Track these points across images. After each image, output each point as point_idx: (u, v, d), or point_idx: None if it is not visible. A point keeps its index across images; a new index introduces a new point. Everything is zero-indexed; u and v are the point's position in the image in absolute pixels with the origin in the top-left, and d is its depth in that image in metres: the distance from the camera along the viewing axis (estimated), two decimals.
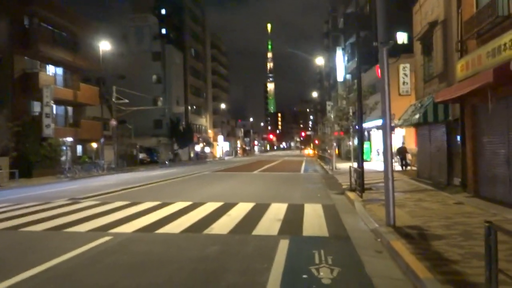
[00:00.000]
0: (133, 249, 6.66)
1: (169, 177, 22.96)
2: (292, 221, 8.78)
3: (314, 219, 8.99)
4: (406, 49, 29.87)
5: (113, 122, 33.60)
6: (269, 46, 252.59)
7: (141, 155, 46.35)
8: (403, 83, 16.68)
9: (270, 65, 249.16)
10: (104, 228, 8.32)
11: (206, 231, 7.87)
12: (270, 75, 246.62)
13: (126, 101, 35.02)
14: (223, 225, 8.40)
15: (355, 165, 15.85)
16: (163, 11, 64.40)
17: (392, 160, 7.80)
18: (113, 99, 34.10)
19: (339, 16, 48.19)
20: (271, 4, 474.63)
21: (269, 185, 17.55)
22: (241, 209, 10.51)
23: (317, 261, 5.67)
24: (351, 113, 15.09)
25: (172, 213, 10.05)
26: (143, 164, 44.32)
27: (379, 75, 9.01)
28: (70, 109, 34.37)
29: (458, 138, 12.04)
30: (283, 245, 6.60)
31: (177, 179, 22.15)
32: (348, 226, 8.20)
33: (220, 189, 16.05)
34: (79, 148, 35.83)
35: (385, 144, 7.85)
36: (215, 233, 7.74)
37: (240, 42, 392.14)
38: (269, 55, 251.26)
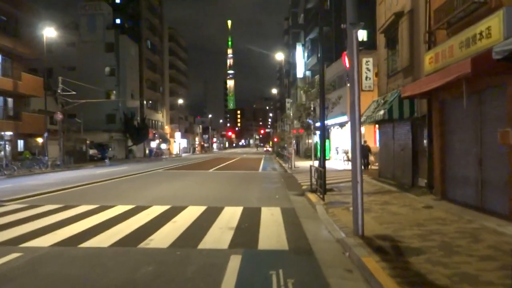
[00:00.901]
0: (43, 271, 5.24)
1: (117, 176, 21.17)
2: (247, 230, 7.62)
3: (271, 227, 7.87)
4: (366, 46, 29.58)
5: (59, 116, 31.02)
6: (229, 43, 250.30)
7: (91, 151, 43.63)
8: (366, 78, 15.93)
9: (230, 61, 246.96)
10: (15, 242, 6.78)
11: (143, 245, 6.53)
12: (230, 72, 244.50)
13: (73, 92, 32.51)
14: (164, 236, 7.09)
15: (315, 163, 14.95)
16: (118, 0, 61.31)
17: (360, 160, 6.81)
18: (59, 91, 31.48)
19: (300, 12, 47.59)
20: (232, 0, 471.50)
21: (224, 185, 16.32)
22: (190, 214, 9.22)
23: (274, 286, 4.53)
24: (312, 108, 14.15)
25: (108, 220, 8.60)
26: (93, 161, 41.64)
27: (347, 63, 8.04)
28: (10, 100, 31.50)
29: (425, 135, 11.35)
30: (234, 263, 5.42)
31: (126, 177, 20.43)
32: (310, 236, 7.14)
33: (170, 190, 14.64)
34: (20, 143, 32.96)
35: (353, 141, 6.84)
36: (153, 247, 6.42)
37: (200, 38, 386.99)
38: (229, 51, 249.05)
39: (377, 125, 26.09)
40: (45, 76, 35.53)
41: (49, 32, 29.68)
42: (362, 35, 36.03)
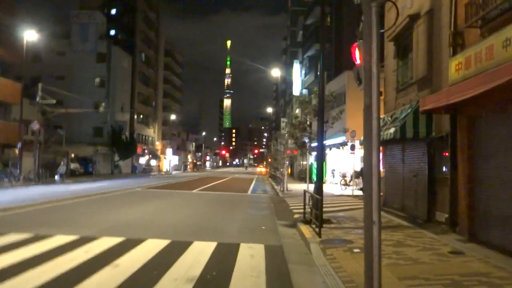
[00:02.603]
0: None
1: (87, 194, 18.81)
2: (212, 283, 5.39)
3: (248, 278, 5.64)
4: None
5: (35, 125, 28.75)
6: (228, 63, 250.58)
7: (72, 165, 41.10)
8: None
9: (228, 81, 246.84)
10: None
11: None
12: (228, 91, 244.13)
13: (53, 101, 30.31)
14: None
15: (310, 187, 12.73)
16: (113, 11, 59.81)
17: (379, 191, 4.64)
18: (37, 98, 29.28)
19: (298, 29, 46.17)
20: (232, 21, 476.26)
21: (204, 210, 14.05)
22: (143, 253, 6.96)
23: None
24: (308, 123, 12.04)
25: (27, 259, 6.31)
26: (75, 175, 39.17)
27: (357, 57, 6.00)
28: None
29: (445, 160, 9.24)
30: None
31: (96, 196, 18.09)
32: None
33: (137, 214, 12.33)
34: None
35: (367, 161, 4.70)
36: None
37: (199, 56, 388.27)
38: (228, 71, 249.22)
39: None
40: (27, 83, 33.45)
41: (30, 35, 27.62)
42: None
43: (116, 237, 8.18)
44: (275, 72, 37.07)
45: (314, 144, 12.83)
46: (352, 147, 19.34)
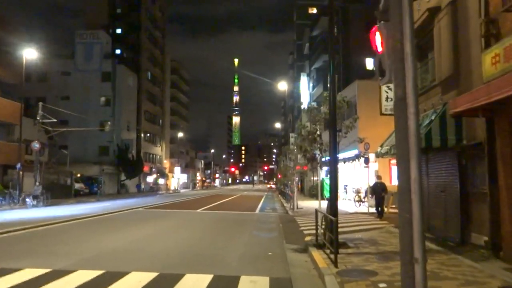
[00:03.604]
0: None
1: (84, 215, 17.61)
2: None
3: None
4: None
5: (36, 145, 27.84)
6: (236, 80, 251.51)
7: (77, 185, 40.10)
8: (387, 98, 12.60)
9: (236, 98, 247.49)
10: None
11: None
12: (236, 108, 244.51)
13: (54, 120, 29.48)
14: None
15: (323, 204, 11.30)
16: (118, 30, 59.69)
17: (421, 216, 3.31)
18: (38, 118, 28.46)
19: (305, 41, 45.28)
20: (239, 39, 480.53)
21: (204, 232, 12.70)
22: None
23: None
24: (318, 133, 10.73)
25: None
26: (79, 195, 38.15)
27: (378, 43, 4.74)
28: None
29: (481, 172, 7.86)
30: None
31: (91, 218, 16.86)
32: None
33: (126, 240, 10.99)
34: None
35: (404, 174, 3.40)
36: None
37: (206, 75, 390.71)
38: (236, 88, 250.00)
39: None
40: (32, 104, 32.80)
41: (29, 54, 26.92)
42: (372, 63, 33.30)
43: (94, 270, 6.90)
44: (282, 86, 35.99)
45: (325, 159, 11.55)
46: (366, 160, 17.92)
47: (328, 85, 8.86)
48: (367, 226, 13.51)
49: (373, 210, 17.48)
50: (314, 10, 53.50)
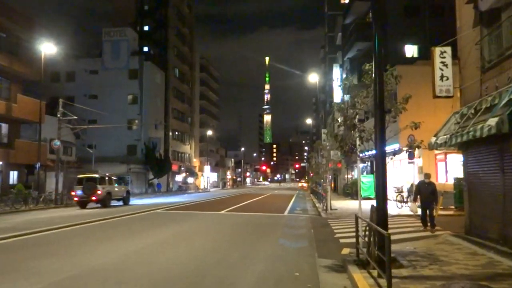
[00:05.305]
0: None
1: (100, 218, 16.14)
2: None
3: None
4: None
5: (57, 143, 26.88)
6: (267, 79, 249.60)
7: None
8: (441, 77, 10.19)
9: (267, 97, 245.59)
10: None
11: None
12: (267, 106, 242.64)
13: (74, 117, 28.47)
14: None
15: (365, 205, 9.02)
16: (145, 28, 58.96)
17: None
18: (58, 115, 27.48)
19: (337, 31, 42.66)
20: (269, 38, 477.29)
21: (219, 241, 10.67)
22: None
23: None
24: (361, 117, 8.51)
25: None
26: None
27: None
28: (5, 126, 27.86)
29: None
30: None
31: (105, 221, 15.34)
32: None
33: (121, 252, 9.05)
34: (14, 174, 28.99)
35: None
36: None
37: (237, 75, 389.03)
38: (267, 87, 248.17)
39: (445, 151, 19.82)
40: (53, 103, 32.01)
41: (48, 48, 25.89)
42: (412, 50, 30.45)
43: None
44: (313, 78, 33.65)
45: (364, 154, 9.34)
46: (411, 155, 15.47)
47: (373, 53, 6.68)
48: (417, 234, 11.19)
49: (399, 209, 14.98)
50: (346, 0, 50.88)
